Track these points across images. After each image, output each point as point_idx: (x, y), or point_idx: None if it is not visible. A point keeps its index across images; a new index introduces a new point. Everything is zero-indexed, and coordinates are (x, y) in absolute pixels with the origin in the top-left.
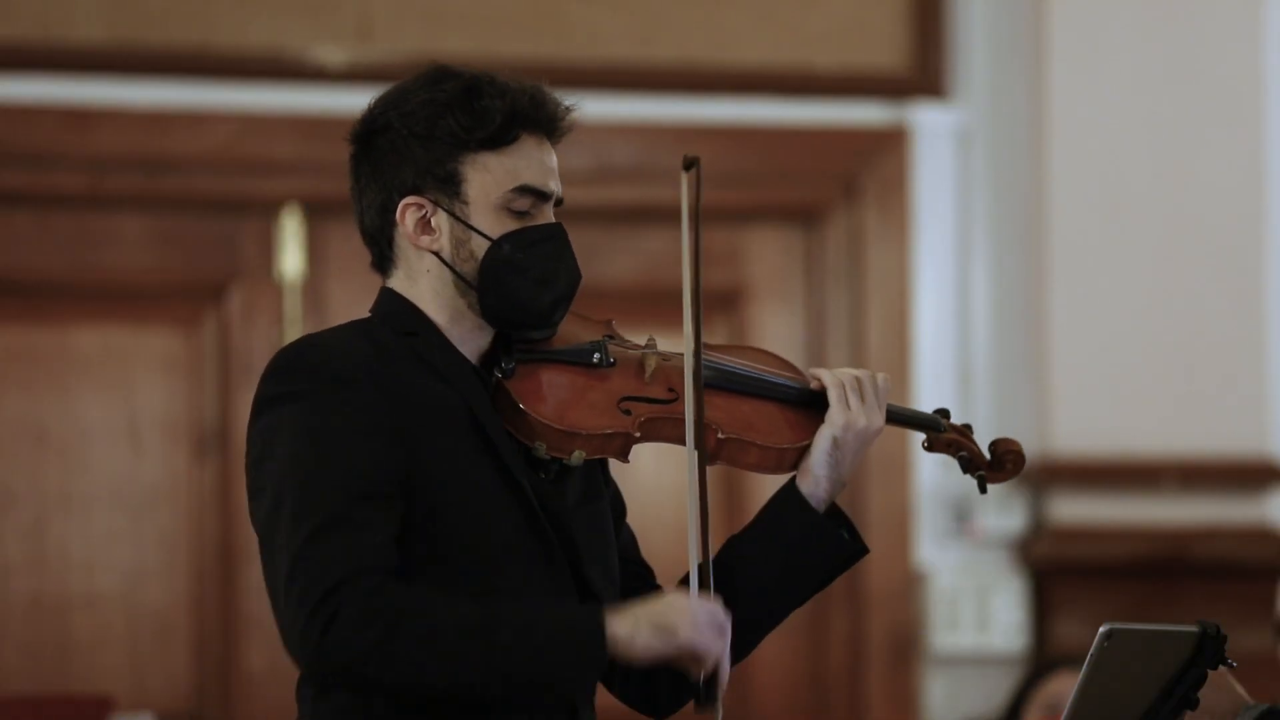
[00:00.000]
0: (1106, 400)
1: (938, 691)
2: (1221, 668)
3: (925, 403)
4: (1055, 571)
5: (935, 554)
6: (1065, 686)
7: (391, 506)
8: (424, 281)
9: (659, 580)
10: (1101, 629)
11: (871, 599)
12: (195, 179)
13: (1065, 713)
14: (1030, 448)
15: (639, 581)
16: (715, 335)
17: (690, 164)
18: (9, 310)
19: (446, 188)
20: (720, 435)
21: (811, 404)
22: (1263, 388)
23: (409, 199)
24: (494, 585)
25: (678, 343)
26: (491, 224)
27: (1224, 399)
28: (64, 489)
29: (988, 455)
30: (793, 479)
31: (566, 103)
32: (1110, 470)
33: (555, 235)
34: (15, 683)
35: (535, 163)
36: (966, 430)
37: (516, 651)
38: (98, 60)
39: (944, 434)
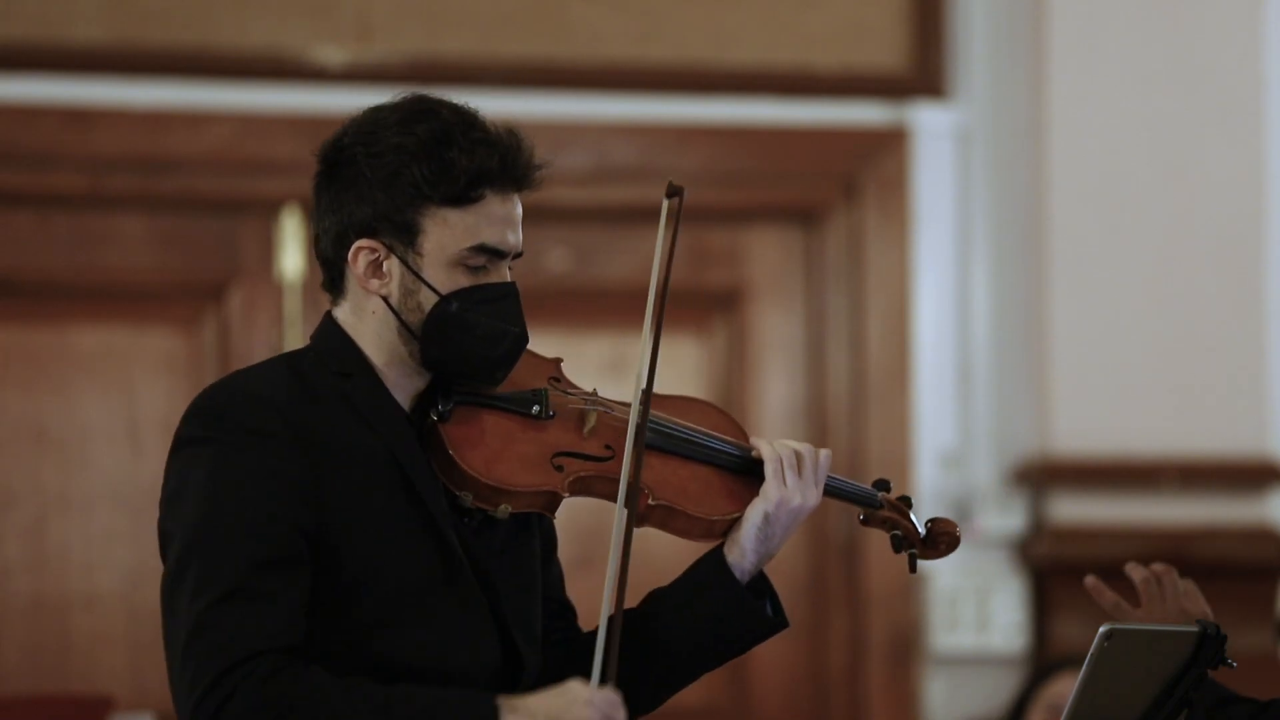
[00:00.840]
0: (1106, 400)
1: (938, 691)
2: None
3: (925, 403)
4: (1055, 571)
5: None
6: (1068, 688)
7: (299, 570)
8: (368, 321)
9: (580, 621)
10: (1101, 629)
11: (871, 599)
12: (195, 179)
13: (1065, 712)
14: (1030, 448)
15: (560, 621)
16: (715, 335)
17: (675, 192)
18: (9, 310)
19: (403, 236)
20: (651, 501)
21: (750, 471)
22: (1263, 388)
23: (363, 241)
24: (407, 632)
25: (625, 391)
26: (443, 279)
27: (1224, 399)
28: (64, 489)
29: (923, 531)
30: (720, 545)
31: (539, 160)
32: (1110, 470)
33: (507, 295)
34: (15, 683)
35: (497, 221)
36: (903, 504)
37: None
38: (98, 60)
39: (879, 510)
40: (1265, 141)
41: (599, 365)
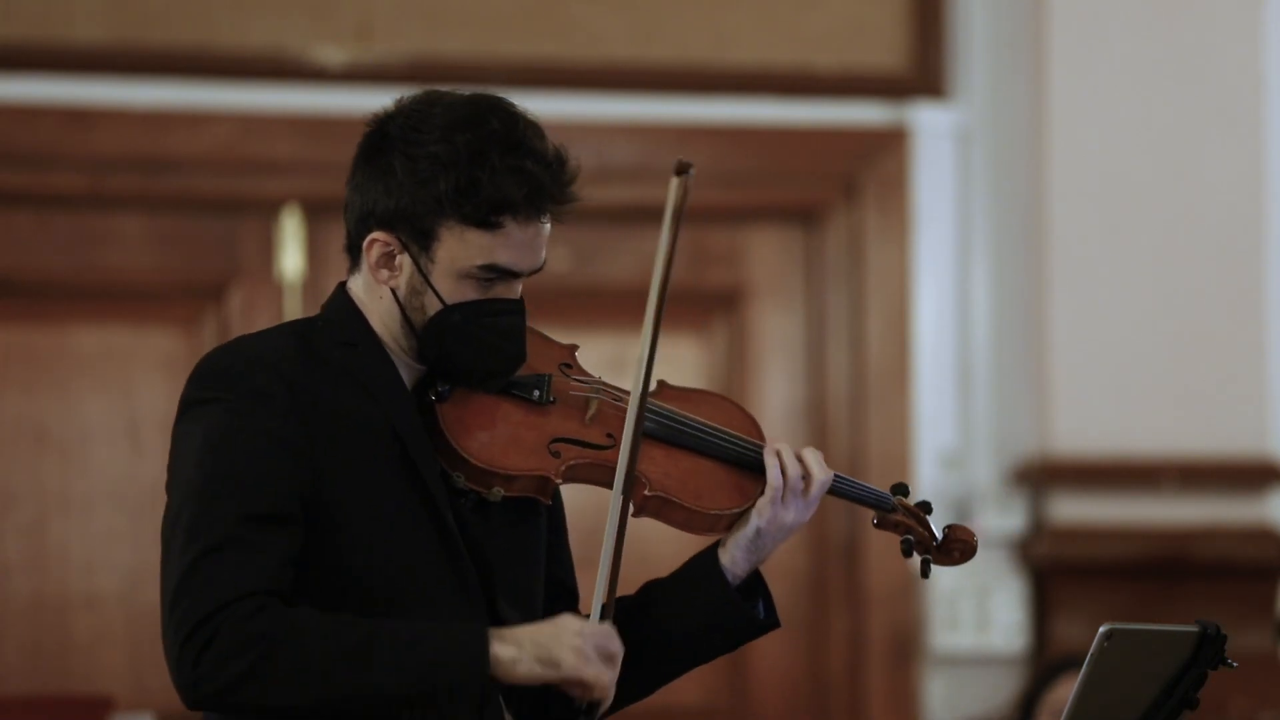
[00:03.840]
0: (1106, 400)
1: (938, 691)
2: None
3: (925, 403)
4: (1055, 571)
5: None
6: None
7: (291, 528)
8: (376, 305)
9: (581, 608)
10: (1101, 629)
11: (871, 599)
12: (195, 179)
13: (1065, 712)
14: (1030, 448)
15: (559, 604)
16: (715, 335)
17: (684, 169)
18: (9, 310)
19: (419, 239)
20: (648, 492)
21: (756, 467)
22: (1263, 388)
23: (380, 234)
24: (399, 606)
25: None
26: (451, 288)
27: (1224, 399)
28: (64, 489)
29: (937, 538)
30: (716, 545)
31: (575, 190)
32: (1110, 470)
33: (512, 312)
34: (15, 683)
35: (515, 244)
36: (921, 510)
37: (395, 671)
38: (98, 60)
39: (892, 514)
40: (1265, 141)
41: (599, 365)
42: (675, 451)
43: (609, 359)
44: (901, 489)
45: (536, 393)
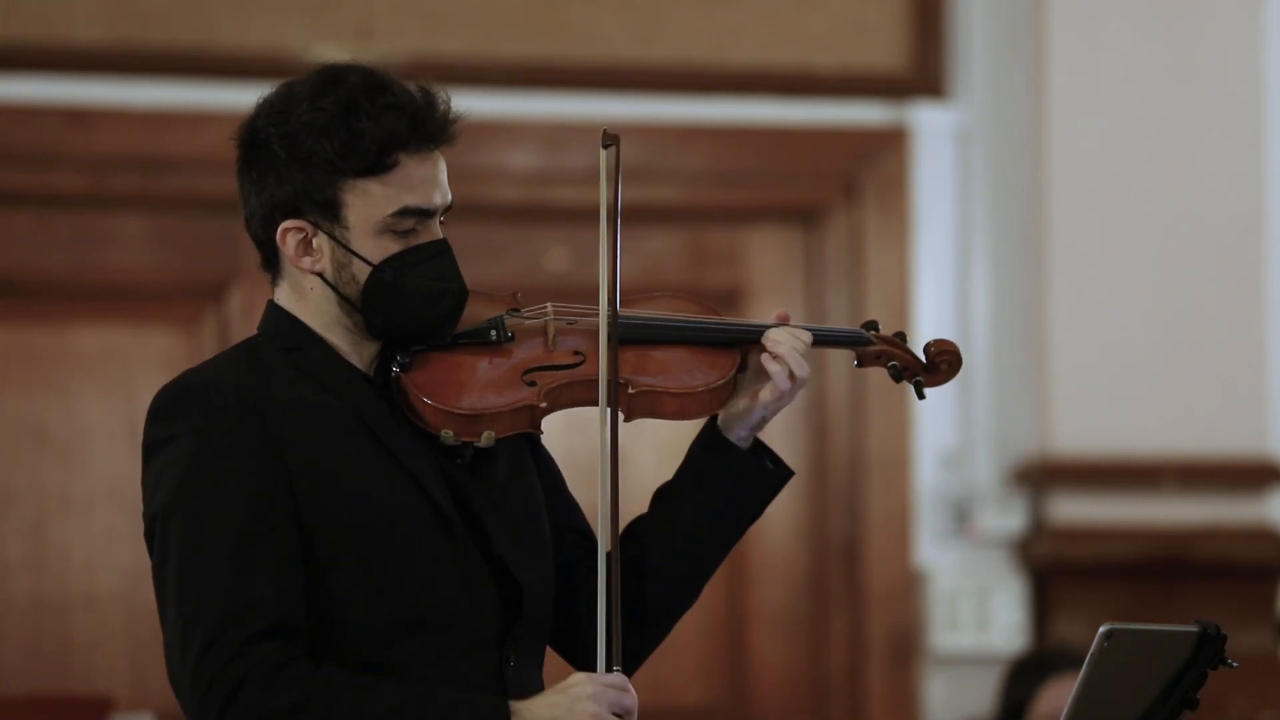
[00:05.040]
0: (1106, 400)
1: (938, 691)
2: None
3: (925, 403)
4: (1055, 571)
5: (935, 554)
6: (1062, 697)
7: (285, 535)
8: (309, 298)
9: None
10: (1101, 629)
11: (871, 599)
12: (195, 179)
13: (1065, 712)
14: (1030, 448)
15: (579, 550)
16: None
17: (610, 142)
18: (9, 310)
19: (326, 212)
20: (632, 390)
21: (725, 344)
22: (1263, 388)
23: (289, 222)
24: (400, 590)
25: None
26: (373, 248)
27: (1224, 399)
28: (64, 489)
29: (922, 359)
30: (713, 421)
31: (453, 111)
32: (1110, 470)
33: (440, 252)
34: (15, 683)
35: (418, 182)
36: (898, 339)
37: None
38: (98, 60)
39: (871, 347)
40: (1265, 141)
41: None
42: (644, 349)
43: None
44: (872, 325)
45: (494, 333)
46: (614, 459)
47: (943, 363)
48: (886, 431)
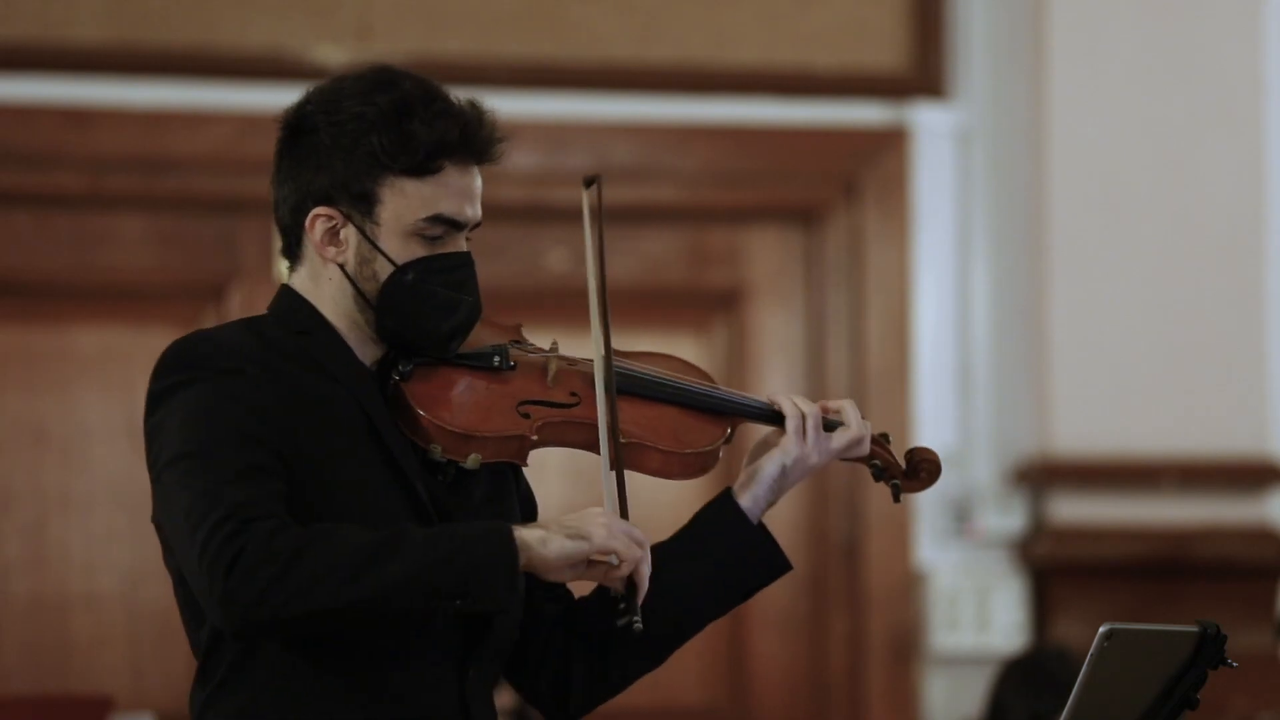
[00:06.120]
0: (1106, 400)
1: (938, 691)
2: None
3: (925, 403)
4: (1055, 571)
5: (935, 554)
6: None
7: (276, 478)
8: (325, 287)
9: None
10: (1101, 629)
11: (871, 599)
12: (195, 179)
13: (1065, 712)
14: (1030, 448)
15: (550, 593)
16: (715, 335)
17: (591, 182)
18: (9, 310)
19: (360, 205)
20: (622, 439)
21: (717, 411)
22: (1263, 388)
23: (320, 209)
24: None
25: (585, 348)
26: (399, 248)
27: (1224, 399)
28: (64, 489)
29: (903, 464)
30: (729, 490)
31: (500, 132)
32: (1110, 470)
33: (463, 264)
34: (15, 683)
35: (455, 192)
36: (882, 439)
37: (425, 561)
38: (98, 60)
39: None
40: (1265, 141)
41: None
42: (638, 402)
43: None
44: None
45: (497, 359)
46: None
47: (923, 470)
48: (886, 431)
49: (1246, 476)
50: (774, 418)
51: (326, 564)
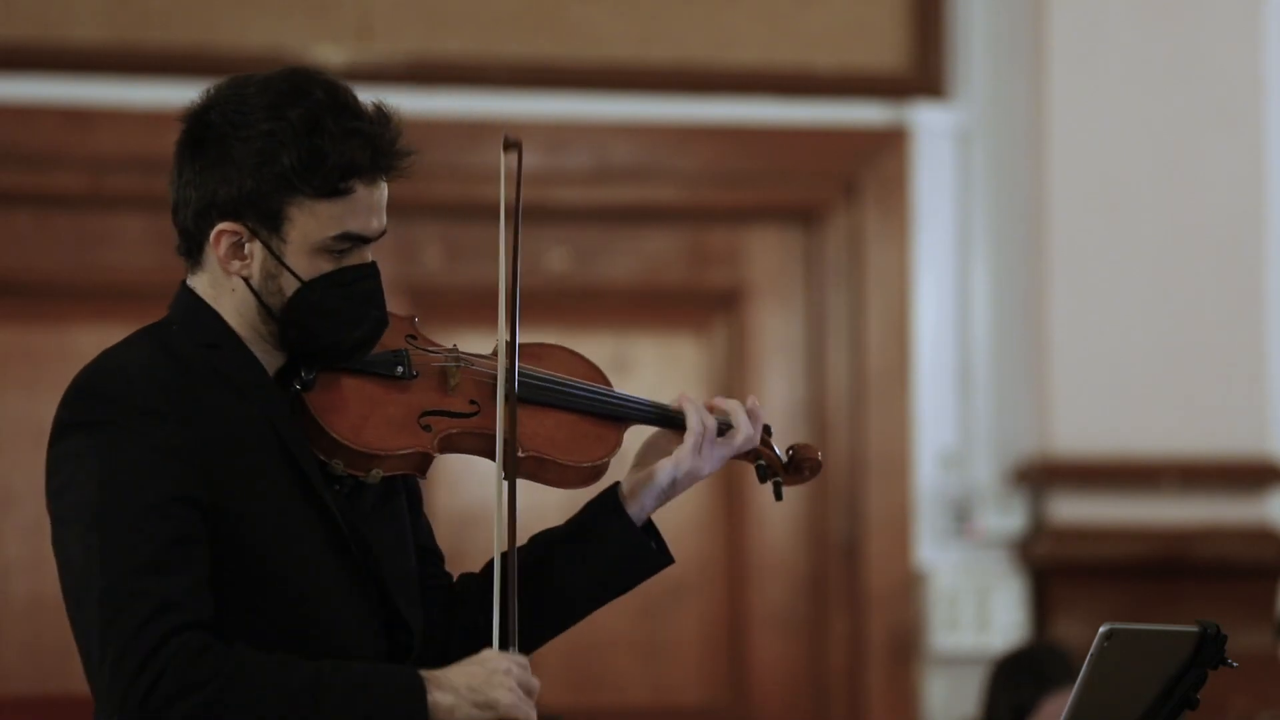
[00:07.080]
0: (1106, 400)
1: (938, 691)
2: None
3: (925, 403)
4: (1055, 571)
5: (935, 554)
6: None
7: (200, 547)
8: (228, 298)
9: (452, 567)
10: (1101, 629)
11: (871, 599)
12: None
13: (1065, 712)
14: (1030, 448)
15: (430, 568)
16: (715, 335)
17: (511, 145)
18: (9, 310)
19: (268, 223)
20: (521, 453)
21: (615, 417)
22: (1263, 388)
23: (226, 224)
24: (308, 603)
25: (485, 343)
26: (306, 265)
27: (1224, 399)
28: None
29: (784, 459)
30: (615, 492)
31: (408, 148)
32: (1110, 470)
33: (368, 276)
34: (15, 683)
35: (364, 209)
36: (764, 434)
37: (340, 716)
38: (98, 60)
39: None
40: (1265, 141)
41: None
42: (536, 410)
43: (608, 359)
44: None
45: (400, 369)
46: (512, 513)
47: (805, 467)
48: (886, 431)
49: (1246, 476)
50: (669, 421)
51: (245, 704)
